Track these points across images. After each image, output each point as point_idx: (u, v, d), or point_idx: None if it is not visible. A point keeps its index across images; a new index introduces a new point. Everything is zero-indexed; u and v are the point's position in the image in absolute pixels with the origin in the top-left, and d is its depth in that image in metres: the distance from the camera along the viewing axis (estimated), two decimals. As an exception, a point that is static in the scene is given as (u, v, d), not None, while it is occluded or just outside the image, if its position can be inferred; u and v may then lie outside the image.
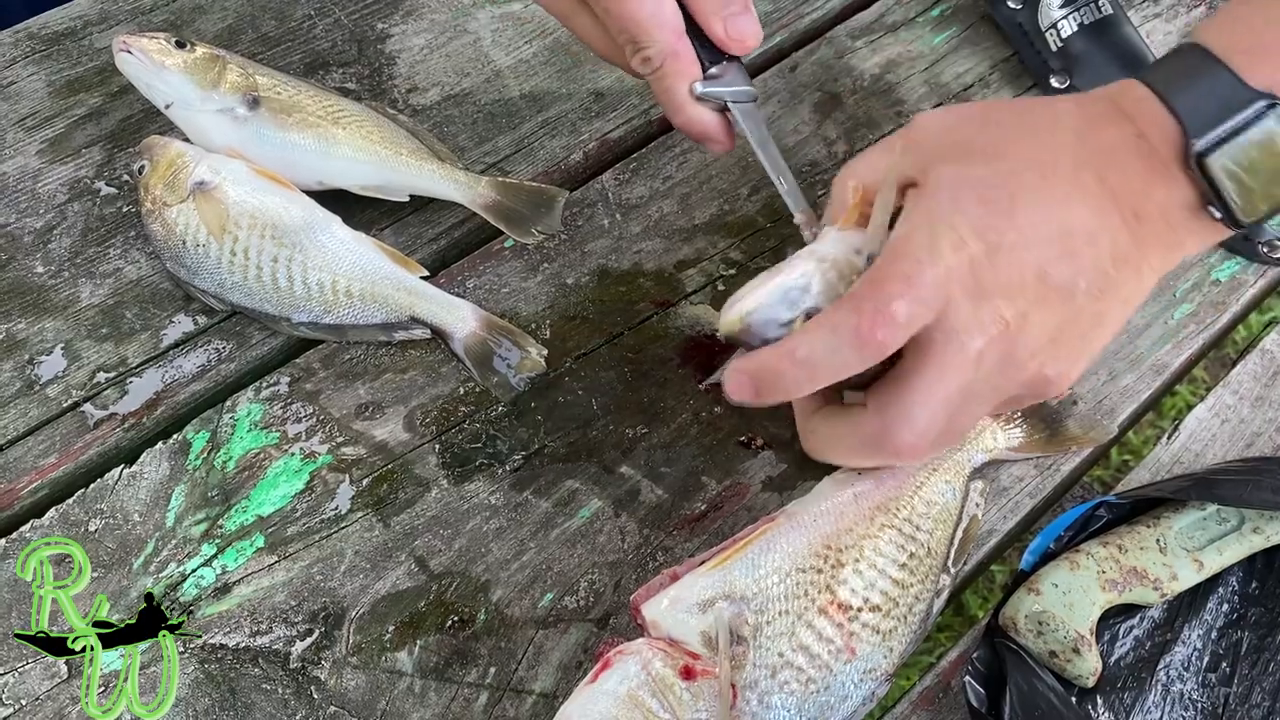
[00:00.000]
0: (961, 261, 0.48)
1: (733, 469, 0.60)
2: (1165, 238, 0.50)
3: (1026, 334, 0.49)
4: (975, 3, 0.79)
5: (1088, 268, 0.49)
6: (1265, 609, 0.56)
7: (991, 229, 0.48)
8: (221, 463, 0.59)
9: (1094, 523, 0.57)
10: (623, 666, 0.48)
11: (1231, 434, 0.63)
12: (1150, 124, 0.50)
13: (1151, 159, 0.49)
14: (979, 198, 0.49)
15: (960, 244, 0.48)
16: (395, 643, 0.54)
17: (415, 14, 0.77)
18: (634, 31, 0.56)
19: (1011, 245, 0.48)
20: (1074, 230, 0.49)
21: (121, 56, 0.64)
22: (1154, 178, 0.49)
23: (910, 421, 0.49)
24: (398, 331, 0.62)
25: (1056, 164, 0.50)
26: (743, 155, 0.72)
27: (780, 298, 0.50)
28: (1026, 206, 0.49)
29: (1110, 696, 0.54)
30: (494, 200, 0.66)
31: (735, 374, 0.51)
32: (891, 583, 0.53)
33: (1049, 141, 0.51)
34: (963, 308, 0.48)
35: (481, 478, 0.59)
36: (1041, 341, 0.49)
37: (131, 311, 0.64)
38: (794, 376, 0.49)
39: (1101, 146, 0.50)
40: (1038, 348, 0.49)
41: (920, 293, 0.47)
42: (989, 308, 0.48)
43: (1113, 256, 0.49)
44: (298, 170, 0.65)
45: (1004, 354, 0.49)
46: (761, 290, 0.50)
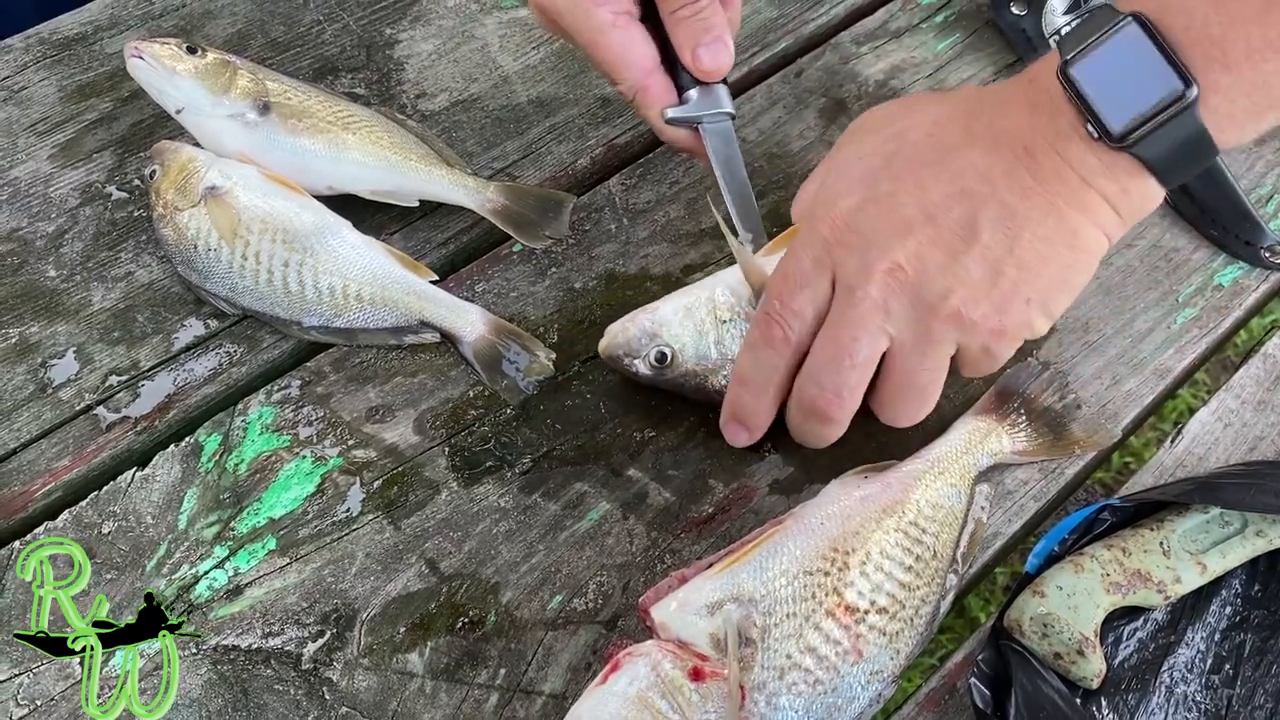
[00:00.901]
0: (837, 226, 0.52)
1: (740, 472, 0.61)
2: (1064, 173, 0.50)
3: (928, 274, 0.51)
4: (979, 9, 0.80)
5: (988, 204, 0.50)
6: (1268, 611, 0.57)
7: (865, 185, 0.52)
8: (233, 465, 0.59)
9: (1098, 526, 0.57)
10: (632, 668, 0.49)
11: (1234, 438, 0.63)
12: (1041, 68, 0.51)
13: (1036, 96, 0.51)
14: (858, 170, 0.53)
15: (832, 213, 0.52)
16: (406, 644, 0.55)
17: (423, 20, 0.77)
18: (608, 70, 0.63)
19: (889, 193, 0.51)
20: (964, 171, 0.51)
21: (133, 62, 0.65)
22: (1037, 112, 0.50)
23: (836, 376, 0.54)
24: (407, 335, 0.63)
25: (949, 119, 0.53)
26: (749, 161, 0.72)
27: (637, 334, 0.59)
28: (905, 159, 0.52)
29: (1114, 698, 0.54)
30: (502, 205, 0.66)
31: (725, 425, 0.60)
32: (898, 585, 0.53)
33: (947, 104, 0.54)
34: (849, 263, 0.52)
35: (491, 480, 0.59)
36: (953, 281, 0.51)
37: (143, 315, 0.64)
38: (748, 397, 0.58)
39: (996, 99, 0.53)
40: (950, 287, 0.51)
41: (801, 279, 0.53)
42: (875, 253, 0.51)
43: (1014, 190, 0.50)
44: (308, 175, 0.66)
45: (912, 297, 0.51)
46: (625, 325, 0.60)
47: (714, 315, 0.60)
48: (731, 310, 0.60)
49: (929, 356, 0.54)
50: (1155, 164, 0.49)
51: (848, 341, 0.53)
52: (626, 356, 0.60)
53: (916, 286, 0.51)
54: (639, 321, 0.60)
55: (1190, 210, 0.71)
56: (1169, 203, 0.72)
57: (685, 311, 0.60)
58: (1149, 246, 0.70)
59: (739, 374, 0.58)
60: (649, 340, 0.59)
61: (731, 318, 0.60)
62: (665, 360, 0.59)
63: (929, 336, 0.53)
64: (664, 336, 0.59)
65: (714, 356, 0.59)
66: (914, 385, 0.55)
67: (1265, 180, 0.73)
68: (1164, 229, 0.71)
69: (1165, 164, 0.49)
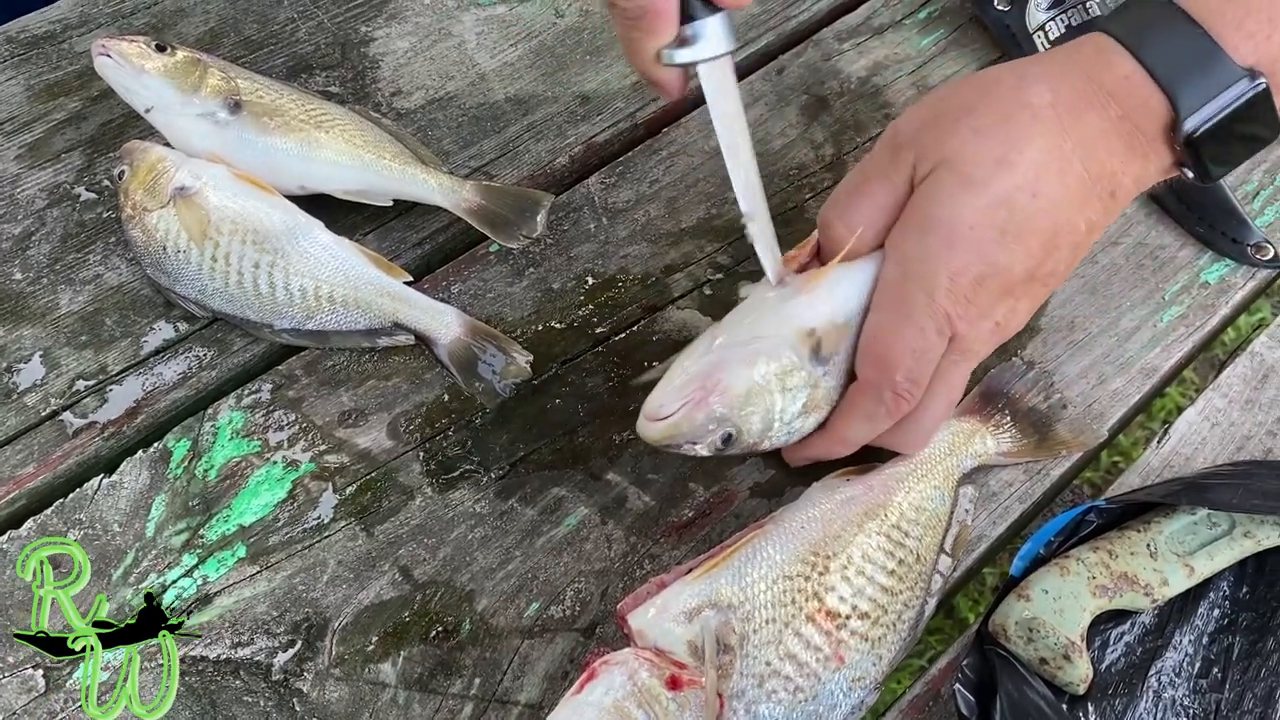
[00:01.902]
0: (957, 300, 0.51)
1: (720, 475, 0.60)
2: (1131, 197, 0.54)
3: (1016, 321, 0.54)
4: (962, 5, 0.79)
5: (1067, 254, 0.53)
6: (1257, 614, 0.56)
7: (980, 259, 0.51)
8: (203, 471, 0.58)
9: (1084, 528, 0.56)
10: (608, 677, 0.48)
11: (1221, 437, 0.62)
12: (1137, 105, 0.51)
13: (1134, 138, 0.51)
14: (970, 239, 0.50)
15: (954, 287, 0.51)
16: (379, 654, 0.53)
17: (399, 17, 0.76)
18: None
19: (1006, 267, 0.51)
20: (1059, 229, 0.51)
21: (101, 60, 0.63)
22: (1133, 155, 0.52)
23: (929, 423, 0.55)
24: (381, 337, 0.62)
25: (1047, 168, 0.50)
26: (730, 158, 0.71)
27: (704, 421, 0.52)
28: (1017, 231, 0.51)
29: (1101, 703, 0.53)
30: (478, 205, 0.65)
31: (798, 460, 0.58)
32: (880, 589, 0.52)
33: (1040, 138, 0.51)
34: (968, 333, 0.52)
35: (466, 485, 0.58)
36: (1028, 316, 0.55)
37: (112, 318, 0.63)
38: (842, 451, 0.56)
39: (1083, 137, 0.51)
40: (1022, 322, 0.55)
41: (928, 353, 0.52)
42: (987, 323, 0.53)
43: (1088, 231, 0.53)
44: (280, 175, 0.64)
45: (997, 340, 0.54)
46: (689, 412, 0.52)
47: (783, 385, 0.53)
48: (798, 377, 0.53)
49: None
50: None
51: (956, 395, 0.55)
52: (688, 443, 0.53)
53: (1005, 334, 0.54)
54: (709, 406, 0.52)
55: (1176, 208, 0.70)
56: (1155, 200, 0.71)
57: (757, 389, 0.52)
58: (1134, 244, 0.69)
59: (843, 436, 0.55)
60: (718, 425, 0.52)
61: (797, 385, 0.53)
62: (730, 441, 0.53)
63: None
64: (734, 419, 0.52)
65: (775, 428, 0.54)
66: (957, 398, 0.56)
67: (1251, 176, 0.72)
68: (1149, 226, 0.70)
69: None
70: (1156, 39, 0.50)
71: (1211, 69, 0.49)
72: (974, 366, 0.55)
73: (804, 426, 0.55)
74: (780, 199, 0.70)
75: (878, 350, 0.53)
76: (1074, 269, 0.56)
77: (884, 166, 0.53)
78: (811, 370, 0.53)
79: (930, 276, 0.51)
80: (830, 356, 0.54)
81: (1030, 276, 0.52)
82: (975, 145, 0.51)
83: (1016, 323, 0.54)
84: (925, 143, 0.52)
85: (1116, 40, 0.51)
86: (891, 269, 0.52)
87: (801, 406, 0.54)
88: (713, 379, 0.52)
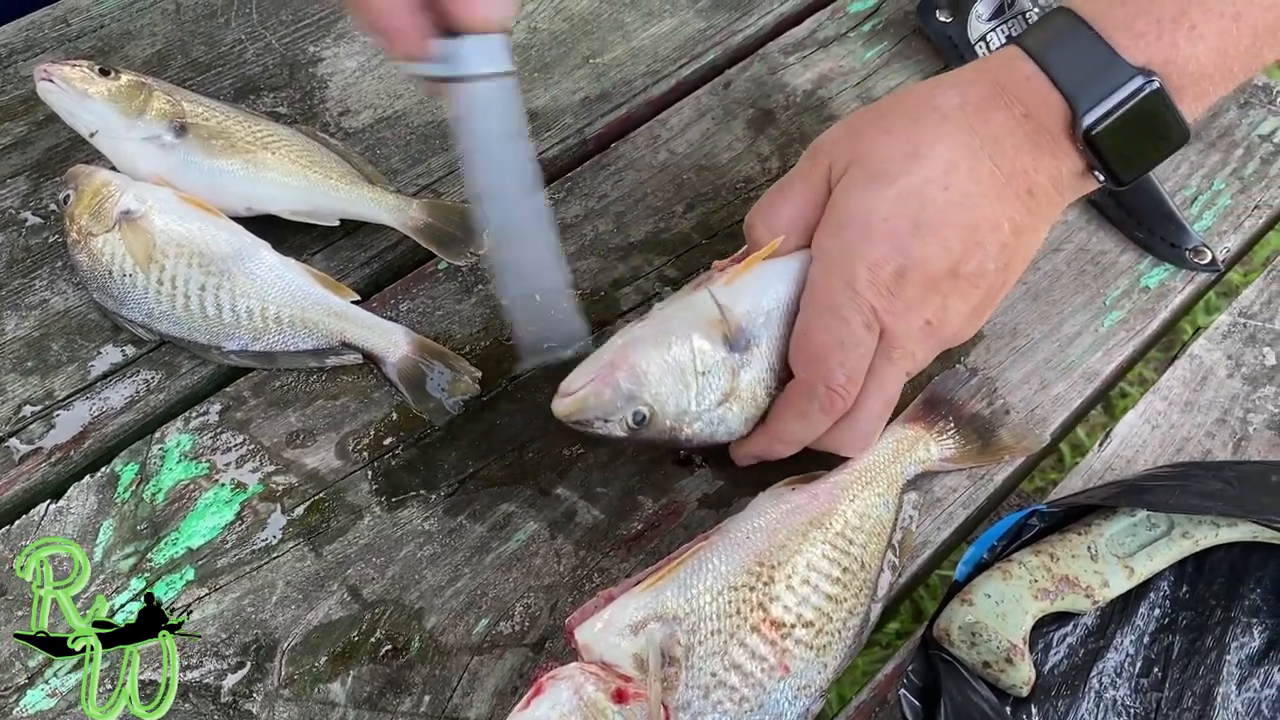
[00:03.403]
0: (880, 293, 0.53)
1: (669, 487, 0.60)
2: (1055, 201, 0.56)
3: (949, 321, 0.55)
4: (906, 17, 0.80)
5: (994, 251, 0.54)
6: (1196, 613, 0.57)
7: (898, 251, 0.52)
8: (151, 495, 0.58)
9: (1026, 531, 0.57)
10: (555, 692, 0.48)
11: (1162, 440, 0.63)
12: (1038, 104, 0.53)
13: (1039, 137, 0.54)
14: (885, 231, 0.53)
15: (874, 279, 0.53)
16: (328, 674, 0.54)
17: (347, 37, 0.76)
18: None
19: (923, 260, 0.53)
20: (978, 224, 0.53)
21: (43, 85, 0.63)
22: (1041, 154, 0.54)
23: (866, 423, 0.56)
24: (329, 357, 0.62)
25: (957, 166, 0.53)
26: (678, 173, 0.72)
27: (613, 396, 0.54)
28: (930, 222, 0.53)
29: (1044, 705, 0.54)
30: (425, 222, 0.65)
31: (743, 457, 0.59)
32: (825, 598, 0.53)
33: (949, 138, 0.54)
34: (894, 326, 0.54)
35: (415, 504, 0.58)
36: (962, 318, 0.56)
37: (58, 343, 0.63)
38: (783, 449, 0.57)
39: (991, 135, 0.54)
40: (960, 324, 0.56)
41: (857, 346, 0.53)
42: (914, 318, 0.54)
43: (1014, 232, 0.54)
44: (226, 196, 0.64)
45: (933, 344, 0.56)
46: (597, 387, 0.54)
47: (695, 368, 0.54)
48: (711, 359, 0.55)
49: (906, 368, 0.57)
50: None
51: (892, 395, 0.56)
52: (598, 419, 0.54)
53: (939, 333, 0.56)
54: (615, 381, 0.53)
55: (1116, 213, 0.71)
56: (1096, 206, 0.72)
57: (666, 367, 0.54)
58: (1076, 250, 0.70)
59: (781, 434, 0.57)
60: (627, 402, 0.53)
61: (711, 368, 0.55)
62: (644, 422, 0.54)
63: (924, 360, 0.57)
64: (644, 396, 0.53)
65: (693, 411, 0.55)
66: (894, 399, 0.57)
67: (1189, 182, 0.73)
68: (1090, 233, 0.71)
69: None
70: (1057, 44, 0.53)
71: (1105, 69, 0.52)
72: (911, 369, 0.56)
73: (729, 419, 0.56)
74: (728, 212, 0.70)
75: (806, 345, 0.55)
76: (1018, 276, 0.57)
77: (804, 171, 0.57)
78: (727, 356, 0.55)
79: (850, 268, 0.53)
80: (748, 344, 0.55)
81: (954, 272, 0.53)
82: (886, 143, 0.54)
83: (952, 325, 0.55)
84: (841, 146, 0.55)
85: (1023, 49, 0.54)
86: (816, 267, 0.55)
87: (721, 395, 0.55)
88: (622, 357, 0.54)
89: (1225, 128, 0.76)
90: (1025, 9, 0.75)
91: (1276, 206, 0.73)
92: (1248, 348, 0.67)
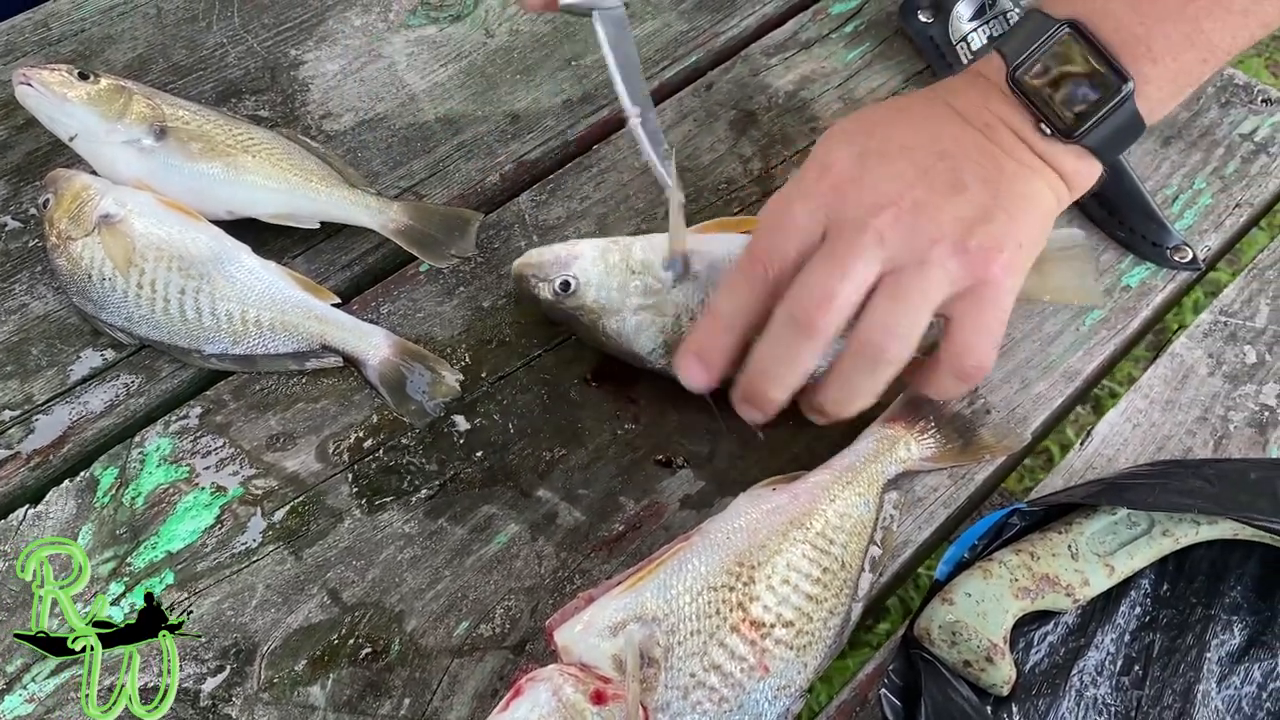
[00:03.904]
0: (832, 179, 0.55)
1: (651, 488, 0.60)
2: (1021, 150, 0.56)
3: (926, 213, 0.53)
4: (888, 18, 0.80)
5: (968, 162, 0.55)
6: (1176, 611, 0.57)
7: (853, 152, 0.55)
8: (130, 499, 0.58)
9: (1007, 530, 0.57)
10: (533, 694, 0.48)
11: (1143, 438, 0.63)
12: (985, 67, 0.58)
13: (986, 88, 0.57)
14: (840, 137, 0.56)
15: (825, 166, 0.55)
16: (308, 677, 0.53)
17: (329, 40, 0.76)
18: None
19: (880, 152, 0.55)
20: (940, 137, 0.56)
21: (22, 89, 0.63)
22: (990, 100, 0.57)
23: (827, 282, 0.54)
24: (309, 360, 0.62)
25: (910, 105, 0.59)
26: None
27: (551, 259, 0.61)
28: (884, 135, 0.56)
29: (1025, 704, 0.54)
30: (406, 225, 0.65)
31: (684, 358, 0.57)
32: (805, 598, 0.53)
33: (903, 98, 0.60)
34: (845, 211, 0.54)
35: (395, 506, 0.58)
36: (950, 218, 0.53)
37: (38, 348, 0.63)
38: (717, 332, 0.56)
39: (948, 88, 0.59)
40: (947, 222, 0.53)
41: (791, 226, 0.54)
42: (871, 194, 0.54)
43: (986, 154, 0.56)
44: (206, 200, 0.64)
45: (910, 229, 0.53)
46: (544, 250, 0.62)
47: (626, 264, 0.61)
48: (644, 266, 0.61)
49: (925, 278, 0.53)
50: (1099, 148, 0.57)
51: (840, 256, 0.53)
52: (535, 277, 0.61)
53: (915, 220, 0.53)
54: (557, 249, 0.62)
55: (1098, 212, 0.71)
56: (1078, 205, 0.72)
57: (602, 252, 0.61)
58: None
59: (713, 310, 0.57)
60: (560, 268, 0.61)
61: (642, 271, 0.61)
62: (568, 289, 0.61)
63: (927, 260, 0.53)
64: (574, 269, 0.61)
65: (613, 300, 0.61)
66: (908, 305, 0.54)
67: (1171, 181, 0.74)
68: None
69: (1107, 146, 0.57)
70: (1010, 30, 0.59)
71: (1033, 25, 0.56)
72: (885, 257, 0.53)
73: (644, 330, 0.61)
74: (710, 213, 0.70)
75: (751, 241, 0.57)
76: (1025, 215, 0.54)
77: None
78: (661, 273, 0.60)
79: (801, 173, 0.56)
80: (684, 272, 0.60)
81: (921, 170, 0.54)
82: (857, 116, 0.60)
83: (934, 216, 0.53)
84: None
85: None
86: None
87: (641, 300, 0.61)
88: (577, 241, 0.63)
89: (1206, 127, 0.76)
90: (1006, 9, 0.75)
91: (1257, 205, 0.73)
92: (1228, 346, 0.67)
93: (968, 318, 0.55)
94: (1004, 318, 0.55)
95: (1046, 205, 0.57)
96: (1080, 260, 0.63)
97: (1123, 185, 0.71)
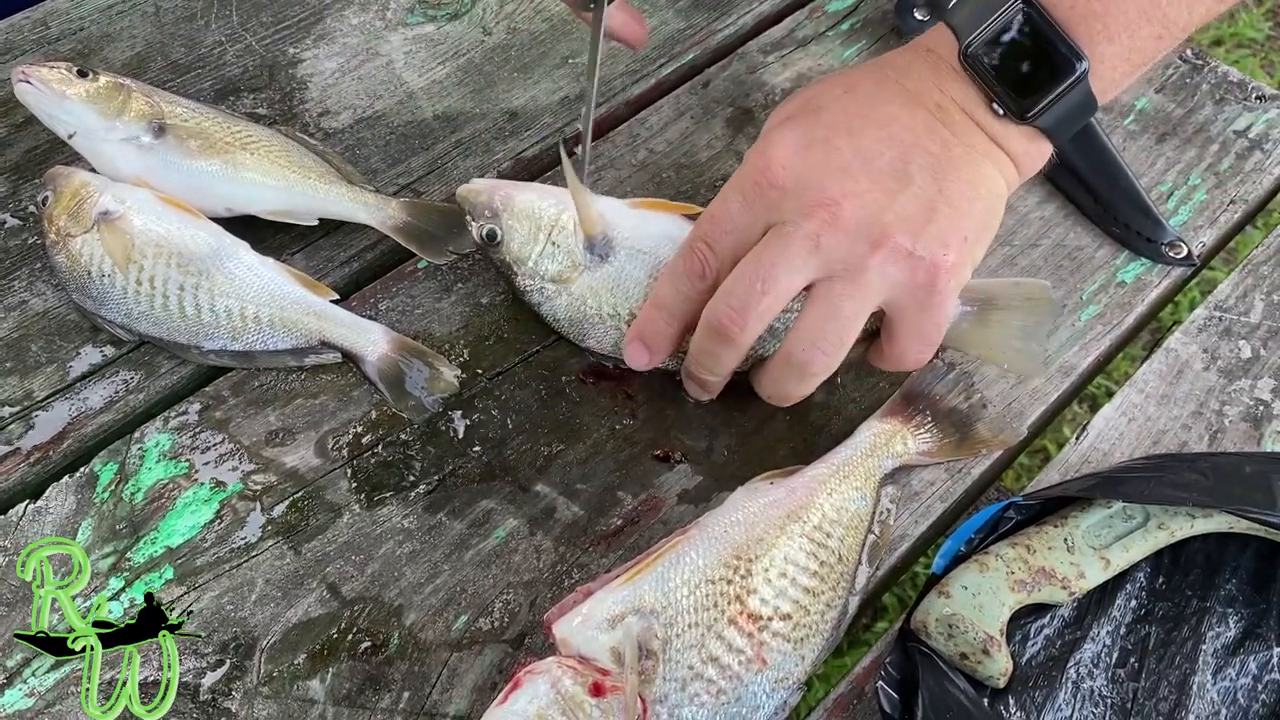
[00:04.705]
0: (771, 170, 0.54)
1: (649, 483, 0.61)
2: (974, 131, 0.55)
3: (866, 211, 0.53)
4: (884, 16, 0.81)
5: (914, 150, 0.54)
6: (1172, 603, 0.57)
7: (797, 137, 0.54)
8: (130, 494, 0.58)
9: (1003, 524, 0.57)
10: (532, 686, 0.48)
11: (1138, 432, 0.64)
12: (936, 41, 0.56)
13: (938, 65, 0.56)
14: (787, 124, 0.55)
15: (765, 161, 0.54)
16: (307, 671, 0.54)
17: (327, 38, 0.77)
18: None
19: (824, 139, 0.54)
20: (888, 122, 0.54)
21: (20, 87, 0.63)
22: (942, 78, 0.55)
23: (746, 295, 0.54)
24: (308, 356, 0.62)
25: (859, 82, 0.57)
26: (657, 171, 0.72)
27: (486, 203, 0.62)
28: (832, 114, 0.55)
29: (1022, 696, 0.54)
30: (404, 222, 0.65)
31: (630, 343, 0.60)
32: (803, 591, 0.53)
33: (852, 72, 0.58)
34: (783, 204, 0.53)
35: (394, 501, 0.59)
36: (893, 218, 0.53)
37: (37, 344, 0.63)
38: (660, 321, 0.58)
39: (898, 65, 0.57)
40: (890, 223, 0.53)
41: (728, 221, 0.54)
42: (811, 194, 0.53)
43: (935, 140, 0.54)
44: (205, 197, 0.64)
45: (849, 232, 0.53)
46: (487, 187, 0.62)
47: (549, 232, 0.62)
48: (566, 238, 0.62)
49: (860, 287, 0.53)
50: (1052, 128, 0.55)
51: (767, 266, 0.53)
52: (470, 214, 0.62)
53: (854, 222, 0.53)
54: (496, 193, 0.62)
55: (1093, 209, 0.72)
56: (1073, 202, 0.72)
57: (530, 211, 0.62)
58: (1053, 246, 0.70)
59: (655, 297, 0.59)
60: (490, 216, 0.62)
61: (561, 243, 0.62)
62: (492, 240, 0.62)
63: (863, 268, 0.53)
64: (502, 221, 0.62)
65: (528, 263, 0.62)
66: (837, 318, 0.54)
67: (1165, 177, 0.74)
68: (1067, 229, 0.71)
69: (1060, 127, 0.55)
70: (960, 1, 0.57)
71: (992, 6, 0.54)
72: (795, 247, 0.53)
73: (554, 302, 0.62)
74: (707, 210, 0.71)
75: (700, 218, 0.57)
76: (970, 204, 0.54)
77: None
78: (580, 249, 0.61)
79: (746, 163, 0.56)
80: (605, 254, 0.61)
81: (864, 160, 0.53)
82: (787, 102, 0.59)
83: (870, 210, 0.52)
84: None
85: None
86: None
87: (554, 273, 0.62)
88: (516, 186, 0.63)
89: (1201, 123, 0.77)
90: (1001, 7, 0.75)
91: (1251, 201, 0.74)
92: (1223, 341, 0.67)
93: (905, 323, 0.56)
94: (944, 323, 0.56)
95: (995, 190, 0.55)
96: (1037, 315, 0.60)
97: (1118, 181, 0.72)
